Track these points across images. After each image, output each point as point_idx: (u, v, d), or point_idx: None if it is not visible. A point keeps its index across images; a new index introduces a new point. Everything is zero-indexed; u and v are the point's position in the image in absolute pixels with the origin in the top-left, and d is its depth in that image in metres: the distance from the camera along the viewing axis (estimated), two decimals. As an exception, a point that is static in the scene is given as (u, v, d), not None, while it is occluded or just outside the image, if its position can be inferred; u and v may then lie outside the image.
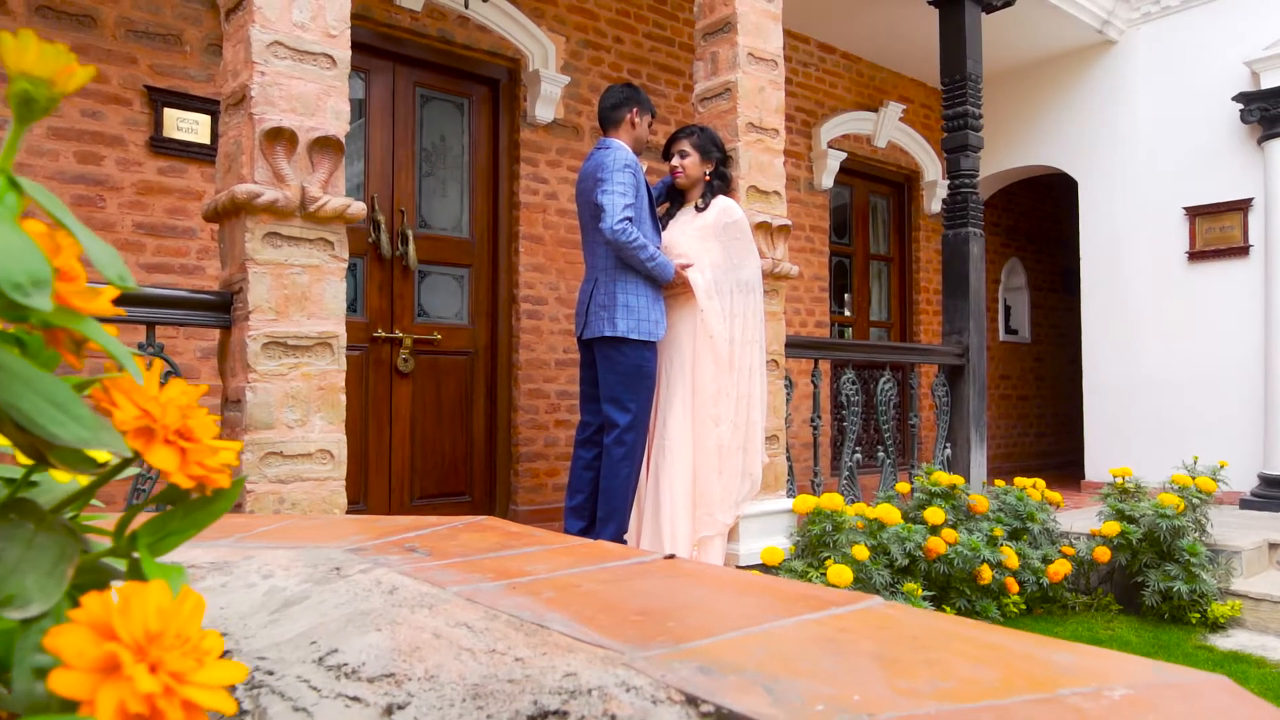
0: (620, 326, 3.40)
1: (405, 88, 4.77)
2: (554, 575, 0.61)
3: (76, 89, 0.31)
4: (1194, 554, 4.14)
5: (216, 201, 2.70)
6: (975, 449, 5.07)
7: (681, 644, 0.45)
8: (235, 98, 2.73)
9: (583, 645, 0.45)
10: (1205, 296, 6.15)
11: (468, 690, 0.43)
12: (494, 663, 0.46)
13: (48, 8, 3.62)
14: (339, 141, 2.74)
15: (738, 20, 3.91)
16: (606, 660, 0.42)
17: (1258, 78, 5.83)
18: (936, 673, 0.41)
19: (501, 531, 0.82)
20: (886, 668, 0.42)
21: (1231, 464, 5.41)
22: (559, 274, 5.12)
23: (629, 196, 3.38)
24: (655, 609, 0.53)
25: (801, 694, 0.38)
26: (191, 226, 3.90)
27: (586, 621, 0.49)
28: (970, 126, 5.17)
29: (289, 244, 2.68)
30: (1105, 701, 0.37)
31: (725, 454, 3.52)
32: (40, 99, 0.30)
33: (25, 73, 0.30)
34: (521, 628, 0.48)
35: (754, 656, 0.42)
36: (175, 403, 0.30)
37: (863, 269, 7.40)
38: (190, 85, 3.94)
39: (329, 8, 2.80)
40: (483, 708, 0.41)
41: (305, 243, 2.71)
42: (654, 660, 0.42)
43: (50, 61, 0.30)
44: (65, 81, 0.30)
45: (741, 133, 3.89)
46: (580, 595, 0.56)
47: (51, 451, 0.27)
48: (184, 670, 0.24)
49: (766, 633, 0.47)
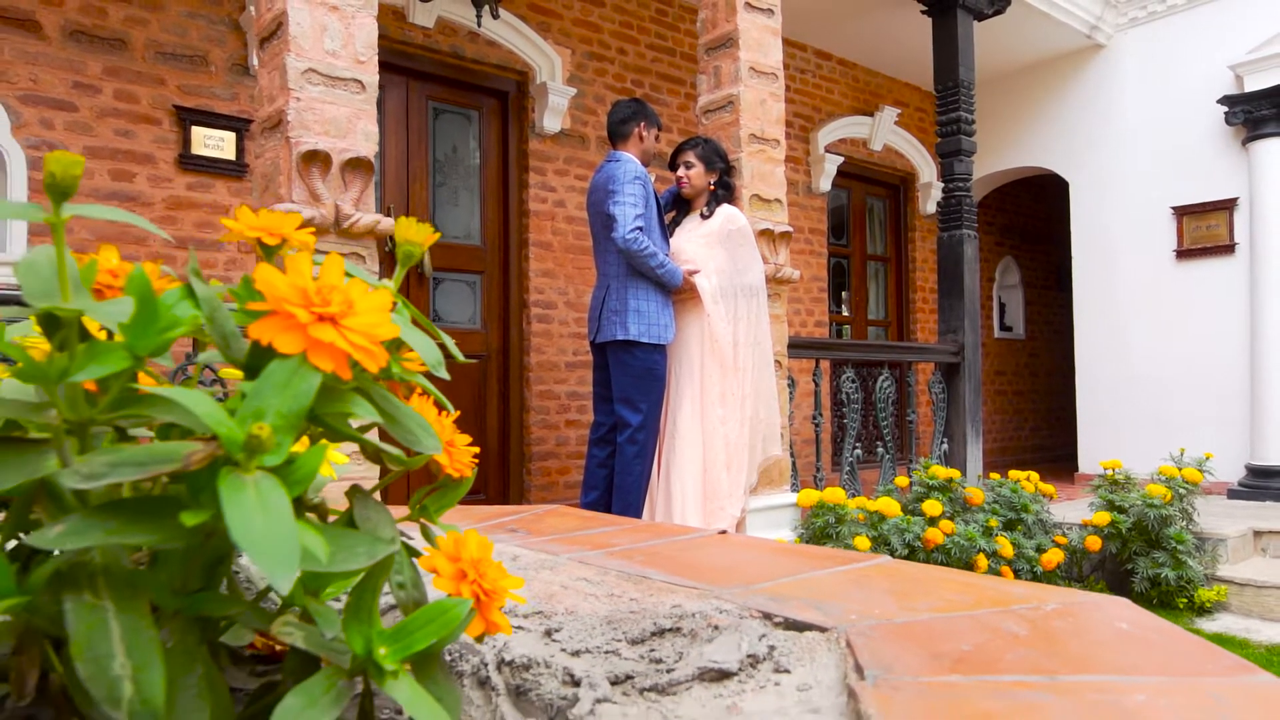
0: (632, 330, 3.58)
1: (418, 101, 4.95)
2: (636, 546, 0.79)
3: (429, 246, 0.48)
4: (1181, 542, 4.33)
5: (255, 219, 2.87)
6: (971, 443, 5.25)
7: (751, 585, 0.63)
8: (271, 121, 2.90)
9: (680, 588, 0.63)
10: (1193, 293, 6.34)
11: (600, 619, 0.61)
12: (614, 602, 0.64)
13: (81, 32, 3.79)
14: (369, 162, 2.92)
15: (739, 36, 4.08)
16: (701, 596, 0.60)
17: (1241, 81, 6.02)
18: (930, 598, 0.59)
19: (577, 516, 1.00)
20: (896, 596, 0.60)
21: (1220, 455, 5.61)
22: (568, 279, 5.30)
23: (639, 207, 3.55)
24: (723, 565, 0.71)
25: (840, 610, 0.56)
26: (219, 240, 4.07)
27: (676, 573, 0.67)
28: (963, 132, 5.35)
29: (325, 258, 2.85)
30: (1040, 610, 0.55)
31: (734, 450, 3.70)
32: (415, 254, 0.48)
33: (407, 240, 0.47)
34: (629, 579, 0.66)
35: (803, 591, 0.60)
36: (449, 422, 0.48)
37: (860, 269, 7.59)
38: (216, 104, 4.11)
39: (358, 35, 2.97)
40: (615, 629, 0.59)
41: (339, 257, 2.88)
42: (735, 595, 0.60)
43: (419, 233, 0.47)
44: (426, 242, 0.48)
45: (744, 143, 4.07)
46: (663, 558, 0.74)
47: (387, 457, 0.45)
48: (495, 577, 0.42)
49: (809, 578, 0.65)
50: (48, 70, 3.70)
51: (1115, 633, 0.50)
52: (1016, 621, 0.52)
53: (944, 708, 0.38)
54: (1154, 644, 0.49)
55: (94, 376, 0.33)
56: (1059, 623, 0.53)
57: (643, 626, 0.57)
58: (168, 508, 0.32)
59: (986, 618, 0.53)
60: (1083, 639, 0.49)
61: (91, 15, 3.80)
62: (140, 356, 0.34)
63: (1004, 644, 0.48)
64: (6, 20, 3.61)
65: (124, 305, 0.34)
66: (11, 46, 3.62)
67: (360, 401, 0.37)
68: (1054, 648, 0.48)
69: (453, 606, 0.39)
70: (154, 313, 0.34)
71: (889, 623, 0.53)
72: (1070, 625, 0.52)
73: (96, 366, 0.33)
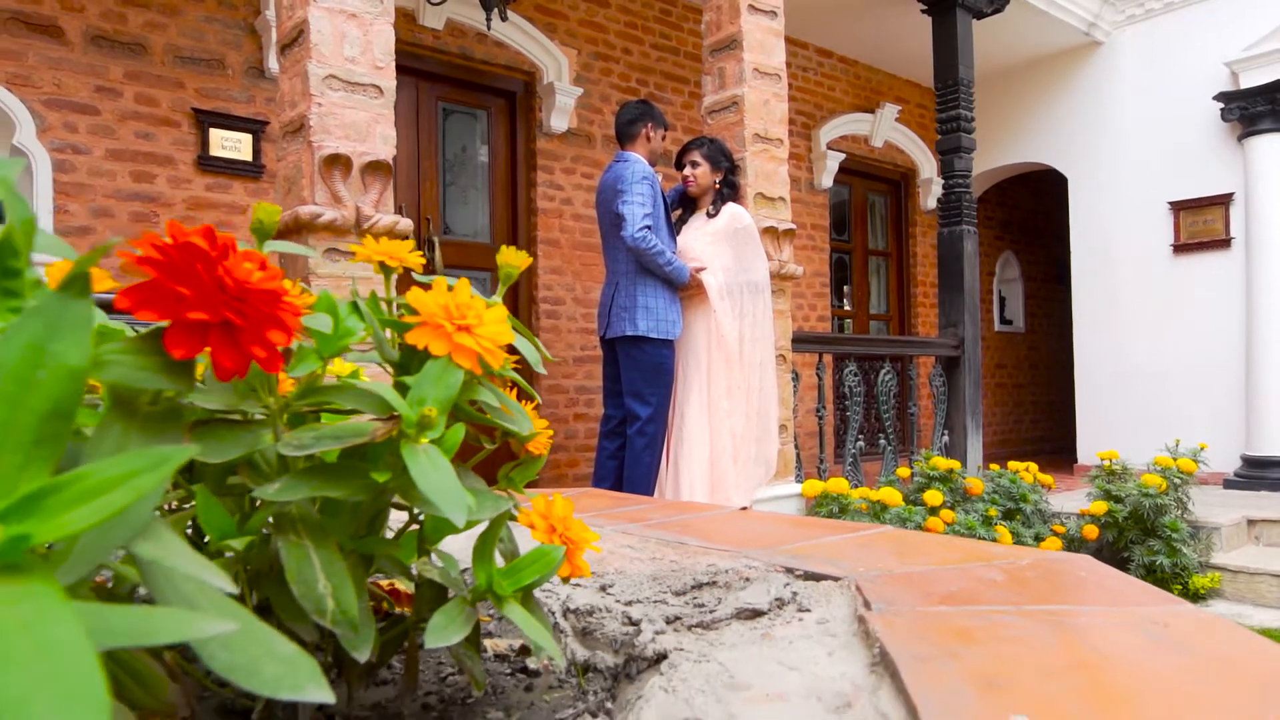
0: (641, 326, 3.69)
1: (428, 102, 5.05)
2: (669, 519, 0.90)
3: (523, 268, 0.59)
4: (1175, 530, 4.44)
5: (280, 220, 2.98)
6: (971, 435, 5.36)
7: (774, 548, 0.74)
8: (293, 126, 3.01)
9: (713, 550, 0.74)
10: (1190, 287, 6.44)
11: (647, 577, 0.72)
12: (657, 563, 0.75)
13: (102, 37, 3.89)
14: (388, 165, 3.03)
15: (743, 38, 4.18)
16: (731, 557, 0.71)
17: (1237, 78, 6.11)
18: (925, 556, 0.70)
19: (609, 497, 1.11)
20: (896, 555, 0.71)
21: (1216, 446, 5.72)
22: (575, 276, 5.41)
23: (647, 206, 3.66)
24: (748, 534, 0.82)
25: (849, 565, 0.67)
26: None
27: (708, 539, 0.78)
28: (963, 130, 5.45)
29: (346, 258, 2.96)
30: (1016, 564, 0.66)
31: (740, 442, 3.81)
32: (513, 274, 0.59)
33: (506, 263, 0.58)
34: (668, 544, 0.77)
35: (819, 552, 0.71)
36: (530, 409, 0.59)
37: (862, 264, 7.69)
38: (233, 106, 4.21)
39: (376, 42, 3.08)
40: (660, 584, 0.70)
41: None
42: (760, 555, 0.71)
43: (517, 258, 0.58)
44: (522, 265, 0.59)
45: (748, 143, 4.17)
46: (694, 528, 0.85)
47: (513, 436, 0.56)
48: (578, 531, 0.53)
49: (823, 543, 0.76)
50: (71, 75, 3.80)
51: (1076, 579, 0.61)
52: (996, 572, 0.63)
53: (932, 626, 0.49)
54: (1106, 587, 0.59)
55: (300, 375, 0.43)
56: (1030, 573, 0.63)
57: (684, 581, 0.69)
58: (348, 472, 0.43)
59: (971, 569, 0.64)
60: (1048, 583, 0.60)
61: (112, 20, 3.91)
62: (325, 358, 0.45)
63: (984, 587, 0.59)
64: (31, 26, 3.71)
65: (324, 320, 0.45)
66: (36, 52, 3.73)
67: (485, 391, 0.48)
68: (1024, 589, 0.58)
69: (549, 551, 0.50)
70: (339, 326, 0.45)
71: (890, 573, 0.63)
72: (1039, 574, 0.63)
73: (302, 366, 0.43)
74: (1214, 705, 0.39)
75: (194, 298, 0.37)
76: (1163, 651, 0.44)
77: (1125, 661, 0.43)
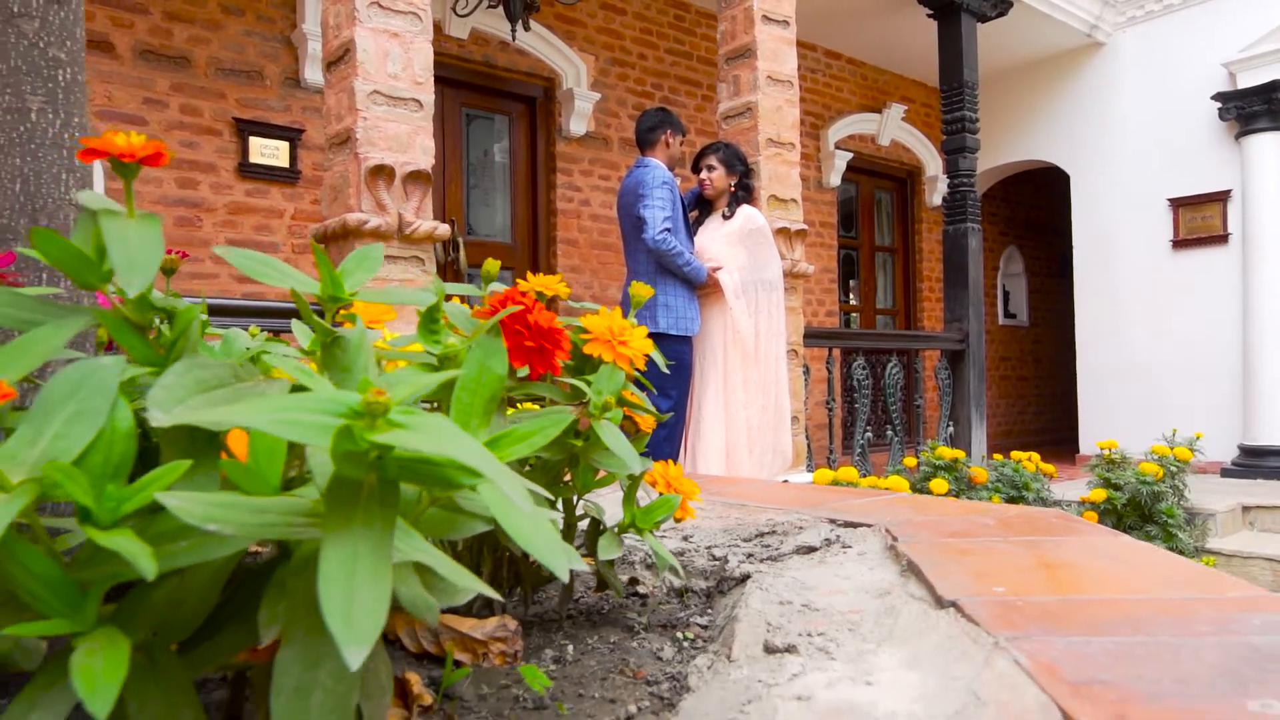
0: (661, 323, 3.90)
1: (453, 108, 5.25)
2: (726, 489, 1.11)
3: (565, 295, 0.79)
4: (1171, 516, 4.64)
5: (326, 227, 3.19)
6: (976, 426, 5.57)
7: (818, 507, 0.94)
8: (340, 138, 3.21)
9: (769, 508, 0.95)
10: (1189, 281, 6.63)
11: (719, 530, 0.93)
12: (724, 520, 0.96)
13: (149, 51, 4.10)
14: (427, 174, 3.23)
15: (757, 47, 4.37)
16: (784, 513, 0.92)
17: (1234, 78, 6.29)
18: (935, 512, 0.91)
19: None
20: (914, 510, 0.92)
21: (1214, 436, 5.91)
22: (593, 274, 5.61)
23: (667, 209, 3.86)
24: (795, 498, 1.03)
25: (878, 518, 0.88)
26: (275, 242, 4.40)
27: (763, 501, 0.99)
28: (968, 130, 5.63)
29: (389, 262, 3.17)
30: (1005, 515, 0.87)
31: (755, 434, 4.02)
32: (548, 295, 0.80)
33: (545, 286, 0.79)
34: (731, 506, 0.98)
35: (853, 509, 0.92)
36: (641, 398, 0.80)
37: (869, 260, 7.88)
38: (271, 115, 4.42)
39: (416, 59, 3.28)
40: (731, 534, 0.91)
41: (402, 260, 3.21)
42: (808, 512, 0.92)
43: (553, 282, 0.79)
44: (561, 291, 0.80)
45: (762, 148, 4.37)
46: (750, 494, 1.06)
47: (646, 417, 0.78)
48: (687, 485, 0.74)
49: (856, 503, 0.96)
50: (121, 88, 4.02)
51: (1048, 523, 0.81)
52: (990, 519, 0.84)
53: (942, 549, 0.69)
54: (1075, 528, 0.80)
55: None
56: (1016, 520, 0.84)
57: (750, 531, 0.89)
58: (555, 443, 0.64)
59: (971, 517, 0.85)
60: (1028, 524, 0.81)
61: (159, 36, 4.12)
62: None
63: (980, 528, 0.80)
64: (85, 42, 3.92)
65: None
66: (89, 66, 3.93)
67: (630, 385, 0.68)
68: (1009, 528, 0.79)
69: (670, 499, 0.71)
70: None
71: (910, 521, 0.84)
72: (1023, 520, 0.83)
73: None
74: (1128, 586, 0.59)
75: (526, 334, 0.59)
76: (1104, 561, 0.64)
77: (1076, 566, 0.63)
